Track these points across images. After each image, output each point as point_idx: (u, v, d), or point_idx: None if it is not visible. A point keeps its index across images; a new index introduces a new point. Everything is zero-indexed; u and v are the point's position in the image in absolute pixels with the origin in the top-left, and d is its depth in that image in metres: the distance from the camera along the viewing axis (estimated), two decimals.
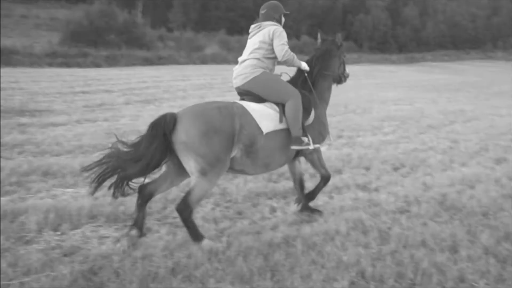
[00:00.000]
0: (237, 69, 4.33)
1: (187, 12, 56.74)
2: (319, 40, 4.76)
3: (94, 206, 4.56)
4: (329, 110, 4.94)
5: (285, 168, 5.94)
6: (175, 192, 5.04)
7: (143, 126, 8.73)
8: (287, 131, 4.16)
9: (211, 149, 3.66)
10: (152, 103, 12.39)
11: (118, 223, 4.33)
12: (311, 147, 4.25)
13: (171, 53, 33.25)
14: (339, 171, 6.23)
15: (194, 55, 33.99)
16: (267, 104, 4.19)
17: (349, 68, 4.91)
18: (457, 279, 3.44)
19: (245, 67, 4.25)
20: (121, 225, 4.28)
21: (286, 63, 4.35)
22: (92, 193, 3.77)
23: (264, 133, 3.97)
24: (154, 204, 4.72)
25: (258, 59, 4.25)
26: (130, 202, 4.66)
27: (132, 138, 7.58)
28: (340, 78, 4.83)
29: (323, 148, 7.53)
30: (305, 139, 4.19)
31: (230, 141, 3.76)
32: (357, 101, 14.06)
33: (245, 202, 5.01)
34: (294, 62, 4.38)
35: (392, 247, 3.89)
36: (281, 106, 4.19)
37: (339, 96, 15.51)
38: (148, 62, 29.69)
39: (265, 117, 4.04)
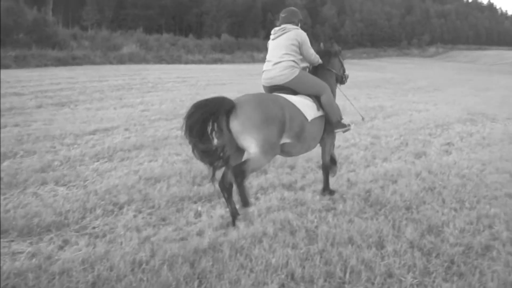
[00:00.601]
0: (272, 69, 4.89)
1: (101, 9, 54.97)
2: (321, 47, 5.50)
3: (5, 220, 4.23)
4: None
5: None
6: (94, 201, 4.81)
7: (57, 131, 8.34)
8: (321, 117, 4.91)
9: (268, 135, 4.18)
10: (67, 105, 11.81)
11: (33, 236, 4.03)
12: (352, 127, 5.27)
13: (86, 52, 32.03)
14: (264, 171, 6.22)
15: (111, 55, 32.98)
16: (300, 96, 4.85)
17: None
18: (385, 274, 3.52)
19: (284, 68, 4.84)
20: (36, 238, 3.99)
21: (312, 64, 5.28)
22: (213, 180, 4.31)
23: (309, 120, 4.65)
24: (71, 213, 4.46)
25: (293, 60, 4.88)
26: (45, 213, 4.39)
27: (46, 144, 7.39)
28: (342, 78, 5.76)
29: None
30: (345, 121, 5.10)
31: (282, 129, 4.33)
32: None
33: (169, 207, 4.86)
34: (317, 62, 5.26)
35: (320, 246, 3.92)
36: (314, 97, 4.94)
37: None
38: (61, 62, 28.42)
39: (306, 107, 4.71)
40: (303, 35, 4.93)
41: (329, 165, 5.37)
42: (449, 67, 50.12)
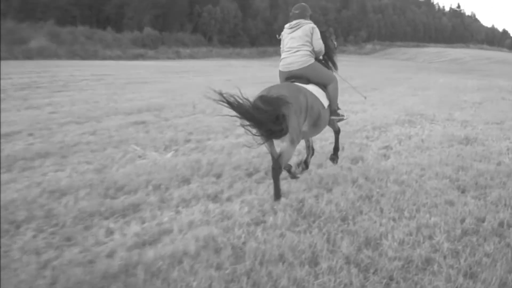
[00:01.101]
0: (292, 56, 6.08)
1: None
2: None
3: None
4: (176, 111, 4.78)
5: (126, 181, 5.62)
6: None
7: None
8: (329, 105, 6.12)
9: (298, 123, 5.21)
10: None
11: None
12: (345, 117, 6.61)
13: None
14: (187, 181, 6.04)
15: (16, 49, 31.55)
16: (312, 85, 5.91)
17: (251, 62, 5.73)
18: None
19: (301, 56, 6.05)
20: None
21: (319, 53, 6.38)
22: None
23: (325, 107, 5.88)
24: None
25: (309, 51, 6.11)
26: None
27: None
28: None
29: (169, 155, 7.36)
30: (341, 112, 6.46)
31: (305, 117, 5.36)
32: (207, 100, 14.03)
33: (76, 225, 4.59)
34: (322, 52, 6.44)
35: (247, 266, 3.80)
36: (323, 86, 6.10)
37: (187, 95, 15.41)
38: None
39: (321, 95, 5.88)
40: (315, 28, 6.20)
41: (339, 131, 6.85)
42: (387, 65, 51.98)
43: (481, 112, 13.65)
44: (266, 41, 68.11)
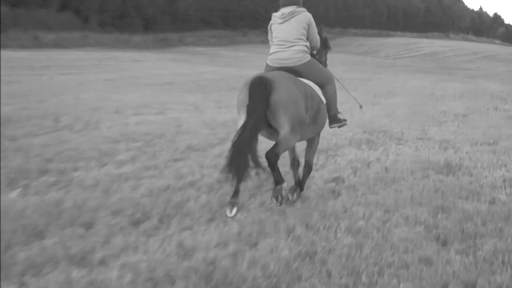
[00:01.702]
0: (286, 51, 7.04)
1: None
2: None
3: None
4: (29, 126, 4.49)
5: None
6: None
7: None
8: (325, 106, 7.24)
9: (300, 110, 6.33)
10: None
11: None
12: (347, 122, 7.80)
13: None
14: (39, 235, 5.73)
15: None
16: (308, 82, 6.95)
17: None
18: None
19: (297, 52, 7.03)
20: None
21: (314, 49, 7.56)
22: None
23: (324, 102, 7.10)
24: None
25: (305, 45, 7.11)
26: None
27: None
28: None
29: (13, 194, 7.02)
30: (341, 116, 7.58)
31: (307, 106, 6.52)
32: (77, 110, 13.71)
33: None
34: (318, 46, 7.65)
35: None
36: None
37: (48, 101, 14.96)
38: None
39: (318, 90, 7.00)
40: (311, 19, 7.11)
41: (311, 167, 7.77)
42: (337, 61, 53.10)
43: (466, 128, 14.12)
44: (167, 25, 68.15)
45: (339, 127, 7.80)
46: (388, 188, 8.14)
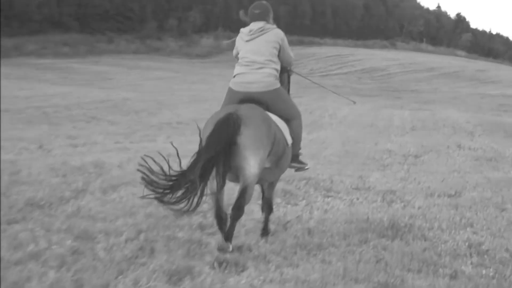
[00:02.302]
0: (253, 73, 8.16)
1: None
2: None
3: None
4: None
5: None
6: None
7: None
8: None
9: (264, 155, 7.49)
10: None
11: None
12: (307, 167, 9.23)
13: None
14: None
15: None
16: (275, 116, 8.08)
17: None
18: None
19: (266, 75, 8.19)
20: None
21: (285, 68, 8.87)
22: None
23: (289, 145, 8.25)
24: None
25: (275, 69, 8.30)
26: None
27: None
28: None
29: None
30: (302, 159, 8.94)
31: (270, 151, 7.68)
32: None
33: None
34: (292, 63, 9.04)
35: None
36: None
37: None
38: None
39: (285, 130, 8.11)
40: (283, 37, 8.36)
41: (271, 206, 9.17)
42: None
43: (419, 173, 14.45)
44: None
45: (296, 170, 9.24)
46: (312, 259, 8.20)
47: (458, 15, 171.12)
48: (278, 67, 8.40)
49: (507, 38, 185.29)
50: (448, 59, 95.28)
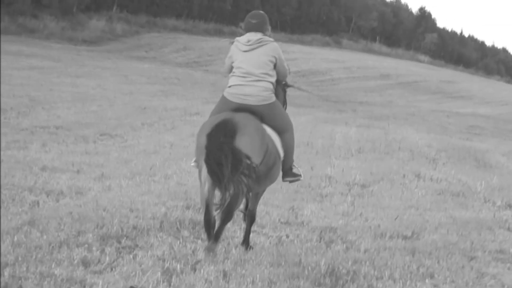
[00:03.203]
0: (250, 86, 9.85)
1: None
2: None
3: None
4: None
5: None
6: None
7: None
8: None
9: (259, 162, 9.22)
10: None
11: None
12: (302, 177, 11.04)
13: None
14: None
15: None
16: (269, 128, 9.85)
17: None
18: None
19: (263, 90, 9.91)
20: None
21: (283, 78, 10.79)
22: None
23: (281, 158, 10.10)
24: None
25: (272, 82, 10.02)
26: None
27: None
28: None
29: None
30: (296, 171, 10.69)
31: (262, 161, 9.47)
32: None
33: None
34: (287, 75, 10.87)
35: None
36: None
37: None
38: None
39: (277, 142, 9.89)
40: (279, 50, 10.15)
41: (254, 216, 10.98)
42: (138, 73, 53.57)
43: (367, 207, 14.64)
44: None
45: (290, 181, 11.19)
46: None
47: (422, 10, 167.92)
48: (274, 80, 10.18)
49: (482, 43, 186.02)
50: (407, 65, 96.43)
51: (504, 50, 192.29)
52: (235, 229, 11.85)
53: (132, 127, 25.81)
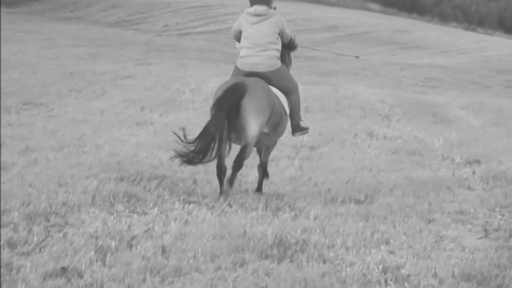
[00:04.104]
0: (257, 56, 13.41)
1: None
2: None
3: None
4: None
5: None
6: None
7: None
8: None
9: (263, 121, 12.95)
10: None
11: None
12: (309, 130, 15.19)
13: None
14: None
15: None
16: (275, 89, 13.55)
17: None
18: None
19: (269, 57, 13.52)
20: None
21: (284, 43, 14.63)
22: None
23: (287, 114, 14.00)
24: None
25: (277, 49, 13.67)
26: None
27: None
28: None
29: None
30: (303, 124, 14.59)
31: (269, 118, 13.18)
32: None
33: None
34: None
35: None
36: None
37: None
38: None
39: (283, 101, 13.67)
40: (283, 21, 13.40)
41: (266, 167, 14.20)
42: (65, 36, 53.26)
43: (316, 171, 14.66)
44: None
45: (301, 134, 13.50)
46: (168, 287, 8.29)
47: None
48: (279, 47, 13.34)
49: None
50: (356, 15, 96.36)
51: None
52: (173, 200, 11.82)
53: (59, 95, 26.02)
